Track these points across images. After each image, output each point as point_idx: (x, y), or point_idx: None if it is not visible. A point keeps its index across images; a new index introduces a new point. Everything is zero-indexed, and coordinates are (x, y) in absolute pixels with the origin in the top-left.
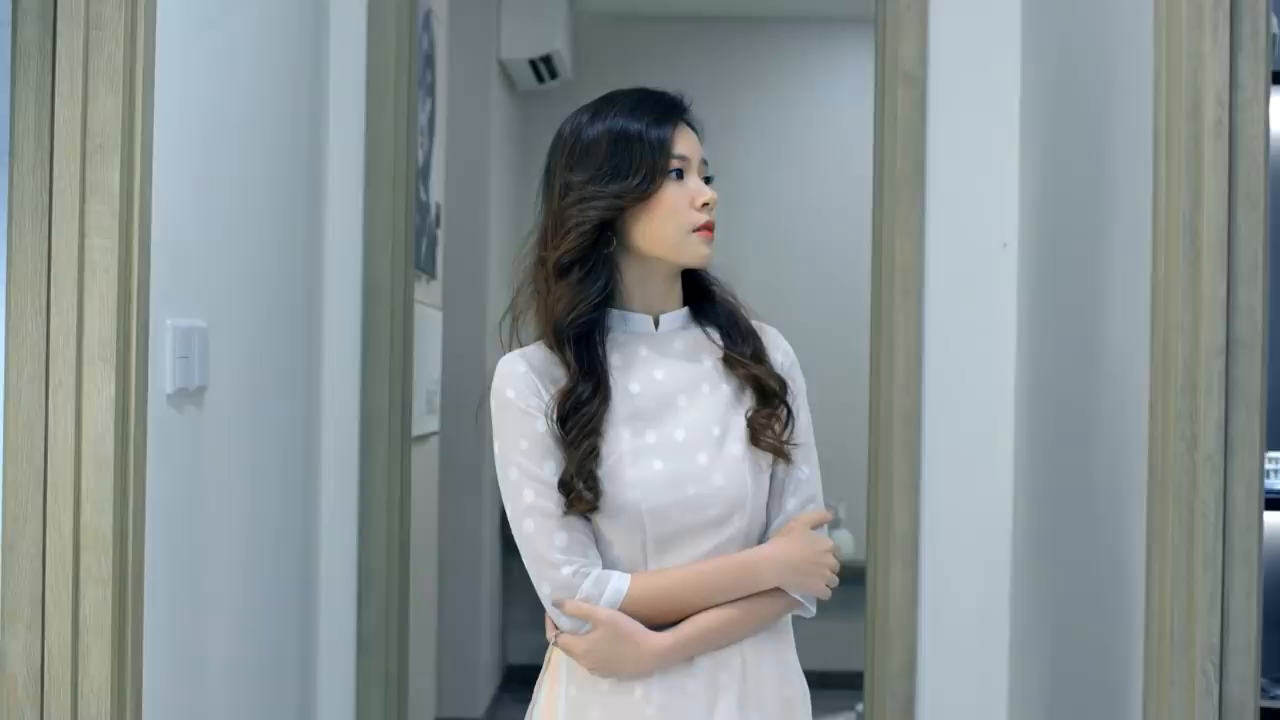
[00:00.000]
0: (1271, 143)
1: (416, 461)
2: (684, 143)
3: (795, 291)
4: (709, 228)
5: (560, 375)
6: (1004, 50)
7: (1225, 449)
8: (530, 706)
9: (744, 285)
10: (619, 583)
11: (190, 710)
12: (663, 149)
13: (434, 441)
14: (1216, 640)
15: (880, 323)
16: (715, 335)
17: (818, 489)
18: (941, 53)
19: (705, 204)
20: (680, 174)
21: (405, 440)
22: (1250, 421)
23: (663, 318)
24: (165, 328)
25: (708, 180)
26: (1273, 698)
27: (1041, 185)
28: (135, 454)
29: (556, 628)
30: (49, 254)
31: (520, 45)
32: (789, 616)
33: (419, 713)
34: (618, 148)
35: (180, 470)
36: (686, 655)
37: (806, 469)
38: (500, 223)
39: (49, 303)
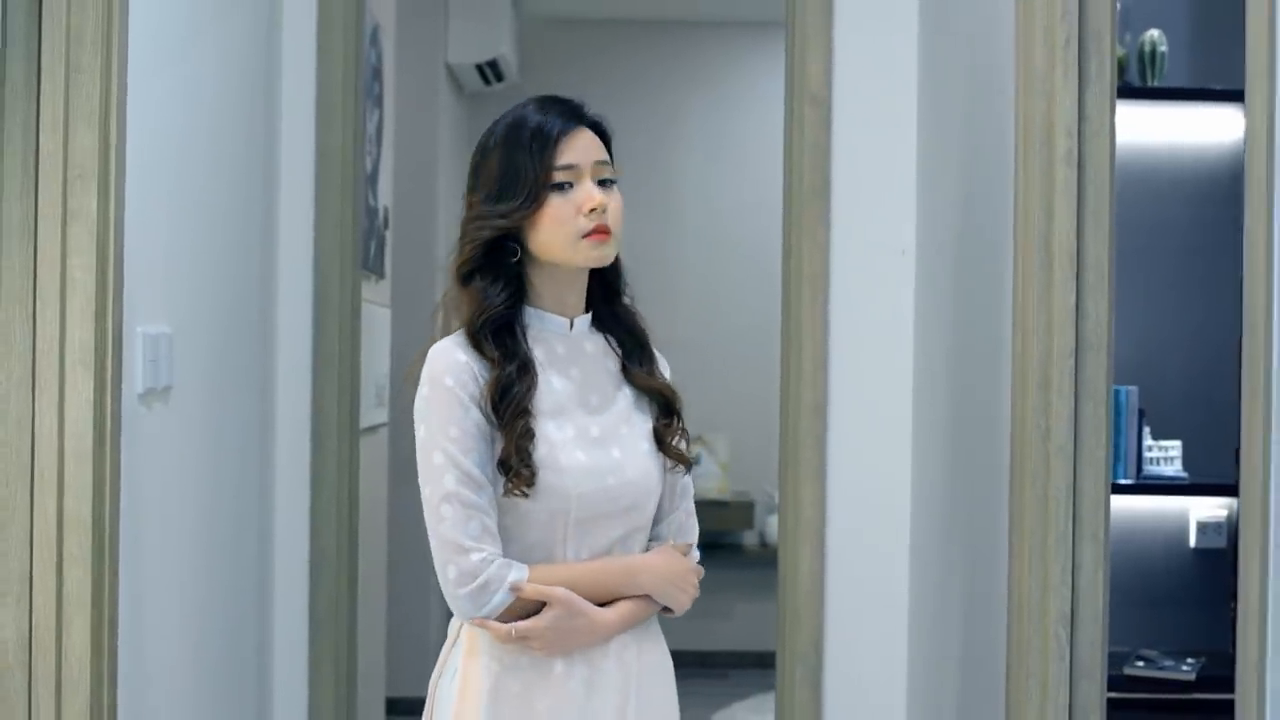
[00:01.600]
0: (1115, 162)
1: (367, 451)
2: (572, 151)
3: (732, 285)
4: (599, 231)
5: (485, 368)
6: (903, 75)
7: (1075, 440)
8: (436, 679)
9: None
10: (518, 573)
11: (159, 678)
12: (545, 166)
13: (384, 432)
14: (1068, 609)
15: (790, 325)
16: (614, 345)
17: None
18: (845, 76)
19: (593, 209)
20: (569, 184)
21: (353, 432)
22: (1097, 415)
23: (577, 320)
24: (136, 334)
25: (606, 182)
26: (1135, 666)
27: (935, 198)
28: (111, 448)
29: (482, 620)
30: (34, 271)
31: (467, 50)
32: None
33: (369, 692)
34: (505, 169)
35: (150, 462)
36: (623, 630)
37: (688, 476)
38: (448, 222)
39: (34, 314)
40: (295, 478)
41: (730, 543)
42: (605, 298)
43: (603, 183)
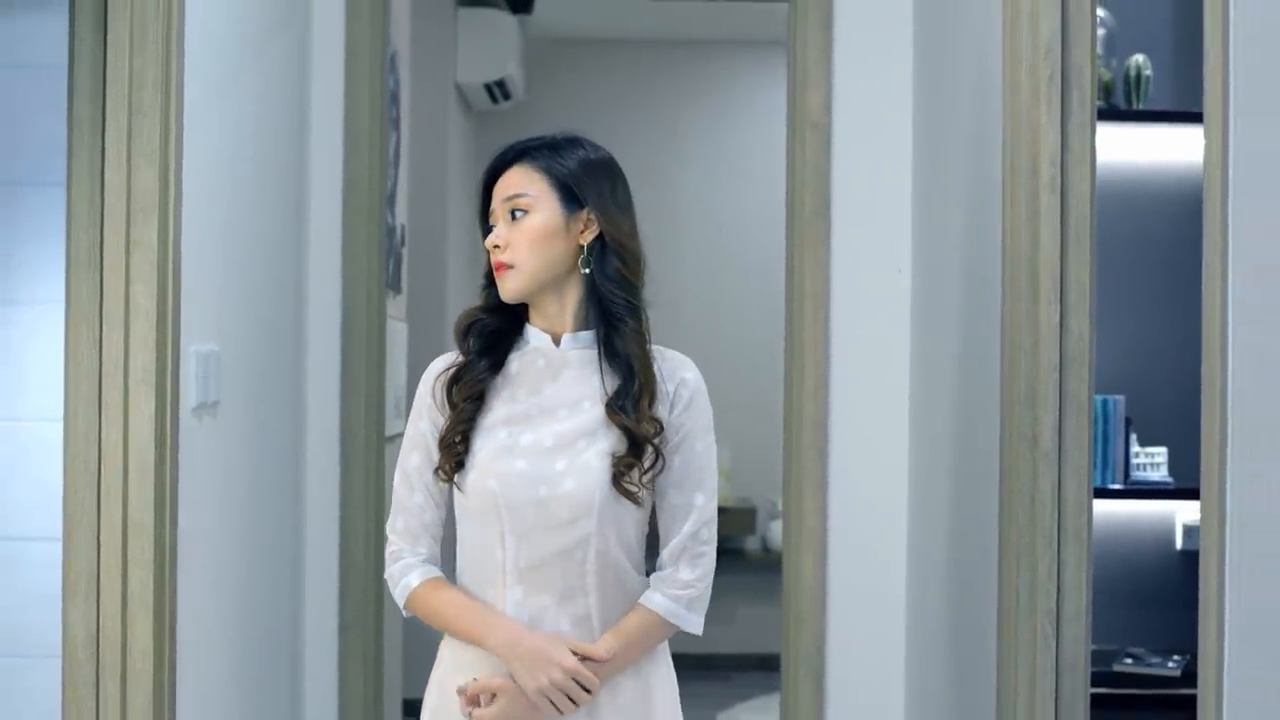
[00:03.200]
0: (1097, 186)
1: (386, 460)
2: (494, 196)
3: (733, 298)
4: (498, 266)
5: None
6: (898, 103)
7: (1059, 447)
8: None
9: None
10: (412, 579)
11: (210, 673)
12: (483, 214)
13: (399, 442)
14: (1053, 606)
15: (792, 340)
16: (609, 376)
17: (712, 514)
18: (844, 104)
19: (490, 248)
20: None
21: (380, 442)
22: (1079, 424)
23: (564, 338)
24: (189, 353)
25: (518, 213)
26: (1123, 663)
27: (928, 220)
28: (170, 460)
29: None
30: (101, 297)
31: (476, 70)
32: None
33: (388, 694)
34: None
35: (200, 473)
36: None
37: (701, 497)
38: (458, 239)
39: (101, 338)
40: (325, 486)
41: (733, 548)
42: (605, 322)
43: (516, 214)
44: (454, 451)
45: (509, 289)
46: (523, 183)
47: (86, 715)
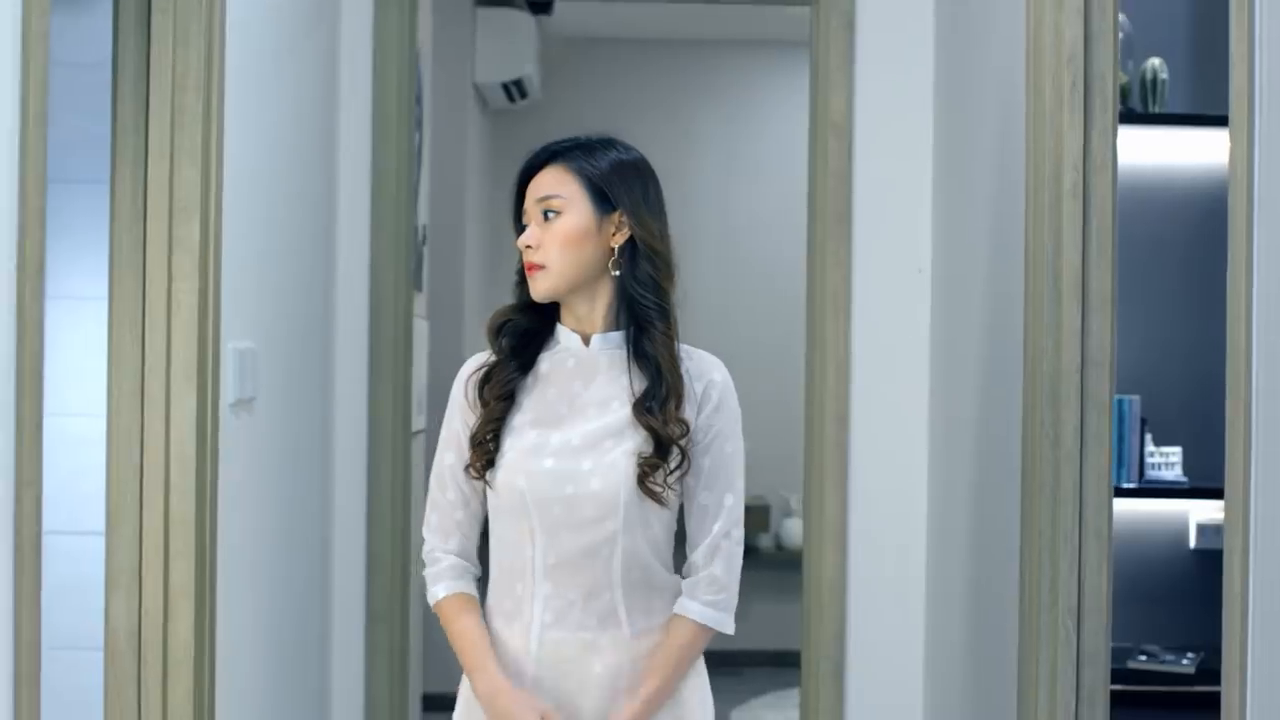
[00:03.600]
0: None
1: (412, 454)
2: (527, 196)
3: (747, 297)
4: (530, 266)
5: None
6: (919, 107)
7: (1081, 447)
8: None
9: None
10: (438, 590)
11: (247, 664)
12: (516, 213)
13: (421, 438)
14: (1074, 601)
15: (814, 339)
16: (637, 377)
17: (740, 514)
18: (866, 107)
19: (521, 248)
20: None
21: (406, 437)
22: (1100, 424)
23: (594, 338)
24: (228, 350)
25: (550, 215)
26: (1137, 660)
27: (949, 222)
28: (210, 454)
29: None
30: (144, 295)
31: (494, 69)
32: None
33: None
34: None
35: (237, 467)
36: None
37: (730, 497)
38: (475, 237)
39: (144, 334)
40: (353, 480)
41: (746, 545)
42: (635, 324)
43: (548, 215)
44: (484, 450)
45: (539, 289)
46: (555, 184)
47: (128, 707)
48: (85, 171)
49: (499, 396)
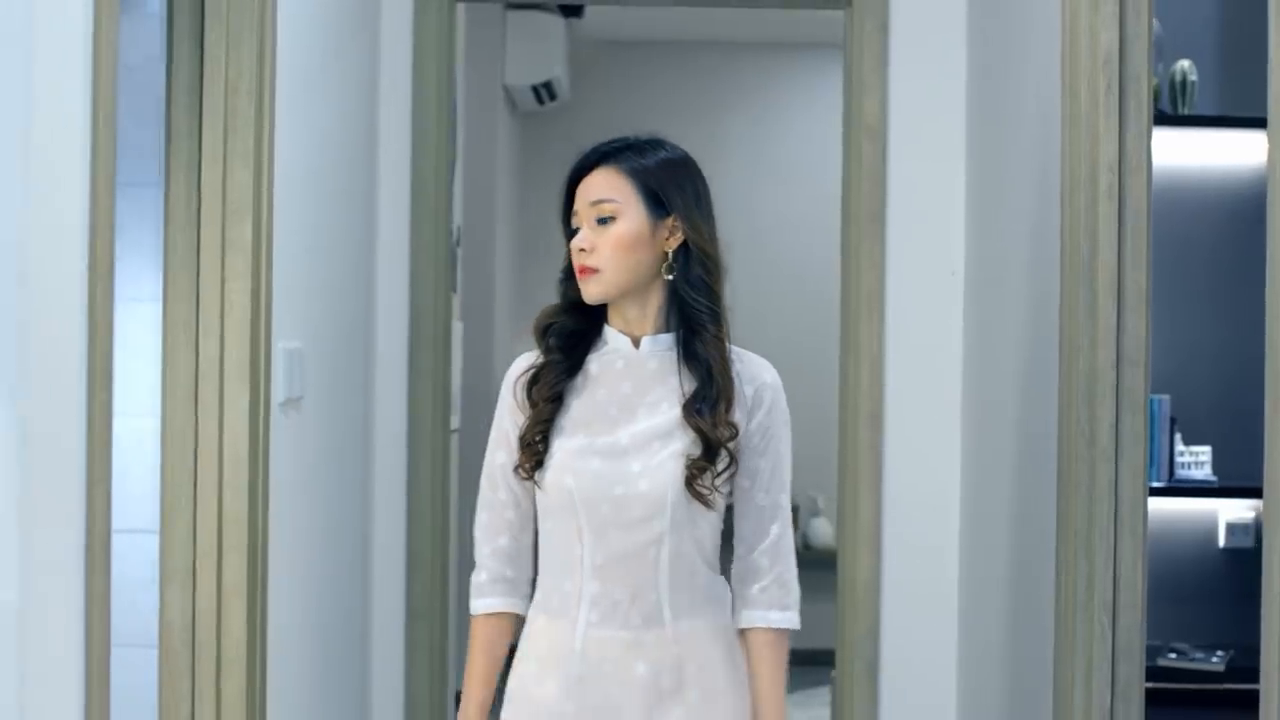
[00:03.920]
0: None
1: (451, 452)
2: (577, 199)
3: (775, 298)
4: (582, 270)
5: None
6: (952, 109)
7: (1116, 445)
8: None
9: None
10: (476, 606)
11: (295, 658)
12: (565, 214)
13: (454, 437)
14: (1110, 598)
15: (848, 340)
16: (687, 378)
17: (788, 514)
18: (899, 110)
19: (574, 251)
20: (578, 228)
21: (445, 436)
22: (1135, 423)
23: (644, 340)
24: (278, 350)
25: (606, 219)
26: (1167, 658)
27: (982, 221)
28: (262, 452)
29: None
30: (197, 296)
31: (523, 72)
32: (727, 634)
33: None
34: (560, 210)
35: (286, 465)
36: None
37: (785, 498)
38: (505, 238)
39: (197, 336)
40: (393, 478)
41: None
42: (686, 326)
43: (603, 220)
44: (533, 450)
45: (593, 293)
46: (610, 188)
47: (183, 700)
48: (130, 175)
49: (547, 398)
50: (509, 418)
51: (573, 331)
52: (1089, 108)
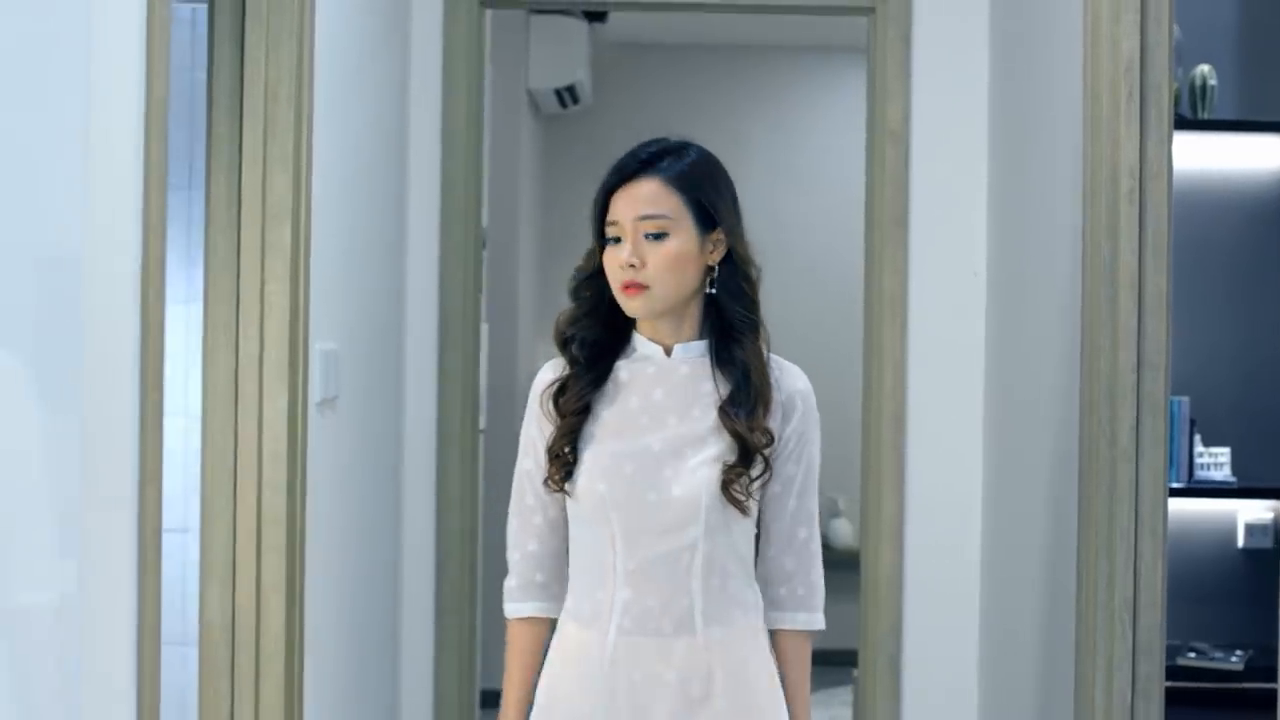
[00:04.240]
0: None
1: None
2: (618, 208)
3: (796, 300)
4: (629, 286)
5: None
6: (974, 115)
7: (1137, 446)
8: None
9: None
10: (509, 610)
11: (331, 653)
12: (601, 220)
13: (480, 438)
14: (1130, 595)
15: (871, 342)
16: (722, 382)
17: (816, 517)
18: (922, 115)
19: (623, 266)
20: (618, 239)
21: (474, 435)
22: (1156, 424)
23: (676, 348)
24: (315, 351)
25: (658, 235)
26: (1187, 657)
27: (1004, 225)
28: (301, 451)
29: None
30: (237, 298)
31: (547, 75)
32: (759, 640)
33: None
34: (592, 215)
35: (323, 463)
36: None
37: (813, 503)
38: (529, 240)
39: (237, 337)
40: (423, 476)
41: None
42: (720, 332)
43: (654, 235)
44: (563, 462)
45: (639, 309)
46: (661, 202)
47: (222, 695)
48: (175, 178)
49: (575, 410)
50: (536, 426)
51: (597, 340)
52: (1110, 114)
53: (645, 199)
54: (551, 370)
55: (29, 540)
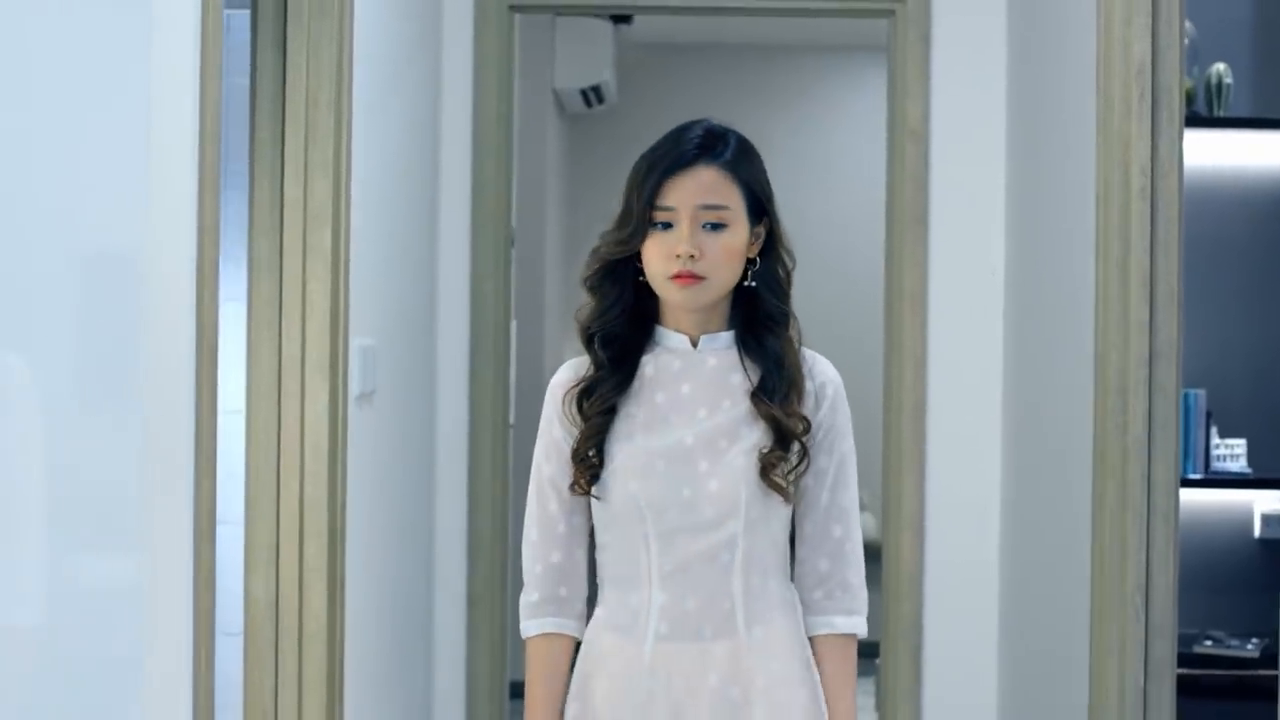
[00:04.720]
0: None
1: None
2: (674, 193)
3: (818, 296)
4: (682, 276)
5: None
6: (993, 115)
7: (1149, 434)
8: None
9: None
10: (529, 628)
11: (368, 637)
12: (649, 204)
13: (509, 433)
14: (1143, 580)
15: (892, 338)
16: (752, 370)
17: (853, 516)
18: (941, 115)
19: (679, 255)
20: (668, 224)
21: (505, 429)
22: (1167, 413)
23: (703, 339)
24: (354, 347)
25: (716, 226)
26: (1203, 645)
27: (1021, 223)
28: (341, 443)
29: None
30: (280, 298)
31: (572, 76)
32: (800, 641)
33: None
34: (626, 200)
35: (361, 455)
36: None
37: (848, 498)
38: (555, 239)
39: (280, 334)
40: (455, 469)
41: None
42: (749, 322)
43: (712, 225)
44: (589, 464)
45: (689, 300)
46: (722, 192)
47: (267, 675)
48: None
49: (600, 411)
50: (558, 427)
51: (623, 336)
52: (1122, 115)
53: (707, 187)
54: (571, 370)
55: (92, 531)
